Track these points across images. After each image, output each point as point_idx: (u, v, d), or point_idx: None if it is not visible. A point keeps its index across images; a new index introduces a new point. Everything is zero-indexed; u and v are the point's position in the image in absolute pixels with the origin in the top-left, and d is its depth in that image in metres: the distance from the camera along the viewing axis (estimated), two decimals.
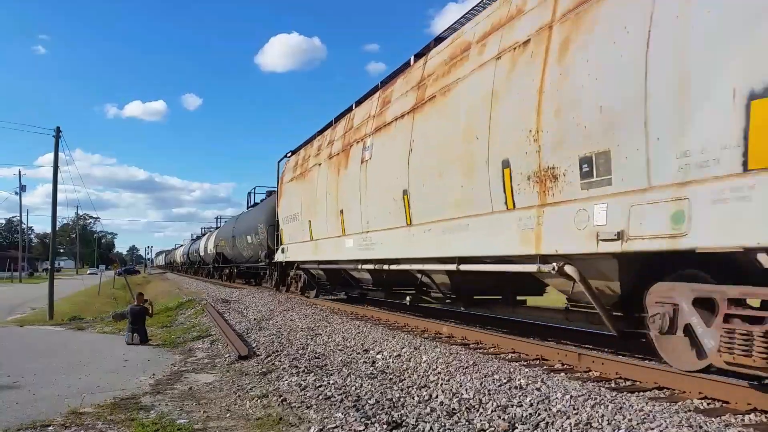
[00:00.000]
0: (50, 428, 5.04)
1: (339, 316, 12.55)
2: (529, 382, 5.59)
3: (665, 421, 4.22)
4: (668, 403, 4.91)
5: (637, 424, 4.24)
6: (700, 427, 4.11)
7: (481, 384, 5.63)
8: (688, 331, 5.20)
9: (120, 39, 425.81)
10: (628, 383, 5.91)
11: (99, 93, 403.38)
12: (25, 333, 13.85)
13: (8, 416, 5.49)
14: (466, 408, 4.96)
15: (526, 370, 6.24)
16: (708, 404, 5.03)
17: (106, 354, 9.81)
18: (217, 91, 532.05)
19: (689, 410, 4.69)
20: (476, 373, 6.09)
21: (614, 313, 6.18)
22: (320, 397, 5.66)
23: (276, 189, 22.44)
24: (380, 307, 14.71)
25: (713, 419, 4.34)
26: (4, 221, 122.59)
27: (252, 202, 31.50)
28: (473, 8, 8.71)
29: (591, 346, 7.70)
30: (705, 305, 5.03)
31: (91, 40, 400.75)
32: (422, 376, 6.28)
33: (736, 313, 4.64)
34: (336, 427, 4.62)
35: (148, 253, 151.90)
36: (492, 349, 8.04)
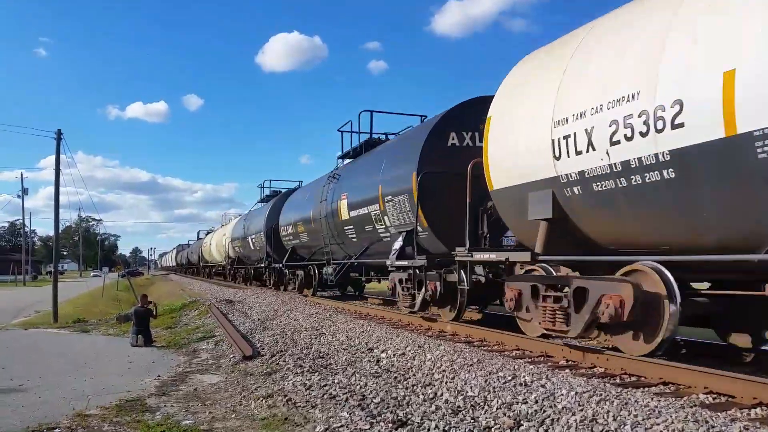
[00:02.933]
0: (56, 431, 5.05)
1: (343, 315, 12.56)
2: (534, 379, 5.58)
3: (671, 416, 4.21)
4: (674, 398, 4.90)
5: (643, 419, 4.24)
6: (706, 421, 4.10)
7: (485, 381, 5.63)
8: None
9: (120, 40, 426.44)
10: (633, 379, 5.91)
11: (100, 94, 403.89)
12: (30, 336, 13.89)
13: (14, 419, 5.50)
14: (471, 406, 4.96)
15: (531, 367, 6.24)
16: (713, 399, 5.03)
17: (110, 356, 9.83)
18: (218, 91, 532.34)
19: (695, 405, 4.69)
20: (481, 370, 6.09)
21: None
22: (325, 396, 5.66)
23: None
24: (383, 306, 14.71)
25: (719, 414, 4.33)
26: (7, 224, 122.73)
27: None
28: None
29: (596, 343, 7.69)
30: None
31: (92, 41, 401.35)
32: (427, 375, 6.28)
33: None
34: (341, 426, 4.62)
35: (151, 255, 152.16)
36: (496, 347, 8.03)
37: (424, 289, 10.16)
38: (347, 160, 16.35)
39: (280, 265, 21.40)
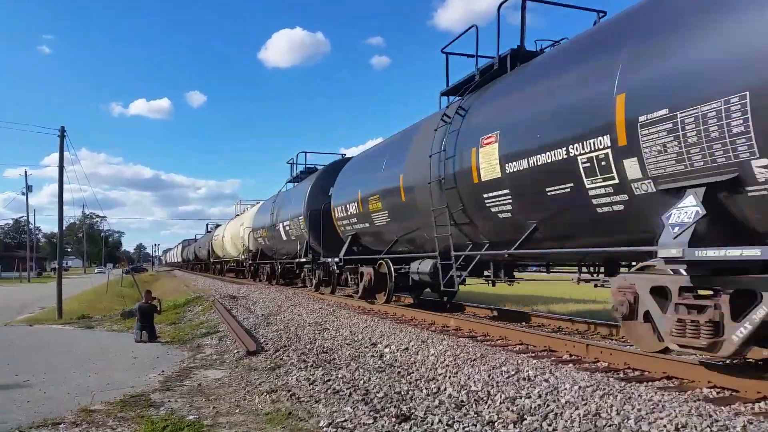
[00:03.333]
0: (61, 426, 5.07)
1: (346, 310, 12.57)
2: (538, 373, 5.58)
3: (675, 411, 4.21)
4: (677, 393, 4.90)
5: (647, 413, 4.23)
6: (710, 415, 4.09)
7: (489, 376, 5.63)
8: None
9: (124, 37, 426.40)
10: (636, 373, 5.91)
11: (104, 92, 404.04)
12: (35, 332, 13.93)
13: (20, 415, 5.53)
14: (475, 400, 4.97)
15: (534, 361, 6.24)
16: (717, 393, 5.03)
17: (115, 352, 9.86)
18: (222, 88, 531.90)
19: (699, 399, 4.68)
20: (484, 365, 6.09)
21: None
22: (329, 391, 5.68)
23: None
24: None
25: (723, 408, 4.33)
26: (11, 222, 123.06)
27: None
28: None
29: (599, 337, 7.69)
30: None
31: (95, 39, 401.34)
32: (430, 369, 6.29)
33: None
34: (345, 420, 4.63)
35: (155, 251, 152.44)
36: (500, 342, 8.04)
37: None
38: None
39: (336, 259, 15.45)
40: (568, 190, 6.68)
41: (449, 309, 13.01)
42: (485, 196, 8.38)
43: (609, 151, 5.96)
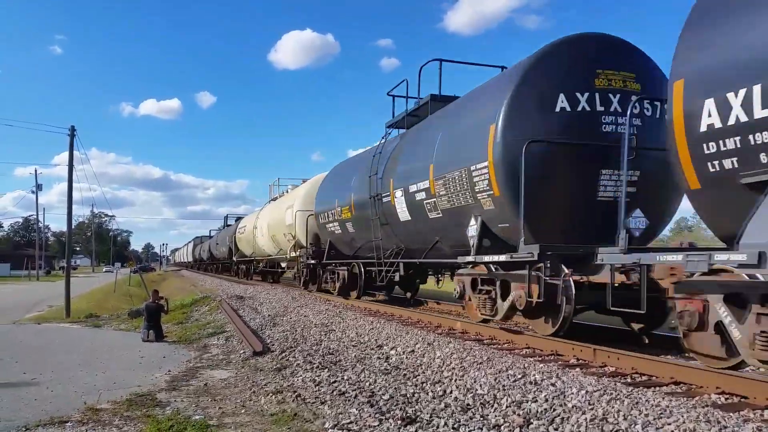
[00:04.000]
0: (68, 424, 5.09)
1: (352, 312, 12.56)
2: (544, 377, 5.56)
3: (682, 416, 4.18)
4: (685, 398, 4.86)
5: (654, 419, 4.21)
6: (718, 422, 4.06)
7: (495, 380, 5.61)
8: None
9: (134, 38, 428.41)
10: (644, 378, 5.87)
11: (114, 92, 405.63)
12: (43, 330, 14.01)
13: (27, 412, 5.56)
14: (481, 404, 4.95)
15: (541, 365, 6.21)
16: (726, 399, 4.98)
17: (122, 351, 9.89)
18: (231, 89, 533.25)
19: (707, 405, 4.65)
20: (490, 368, 6.07)
21: None
22: (334, 392, 5.67)
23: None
24: (393, 303, 14.68)
25: (731, 414, 4.29)
26: (21, 220, 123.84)
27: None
28: None
29: (606, 341, 7.64)
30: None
31: (106, 39, 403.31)
32: (436, 372, 6.27)
33: None
34: (350, 422, 4.63)
35: (163, 251, 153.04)
36: (506, 345, 8.01)
37: None
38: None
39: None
40: None
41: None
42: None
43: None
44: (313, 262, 18.21)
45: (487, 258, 8.33)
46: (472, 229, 8.77)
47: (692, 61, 5.30)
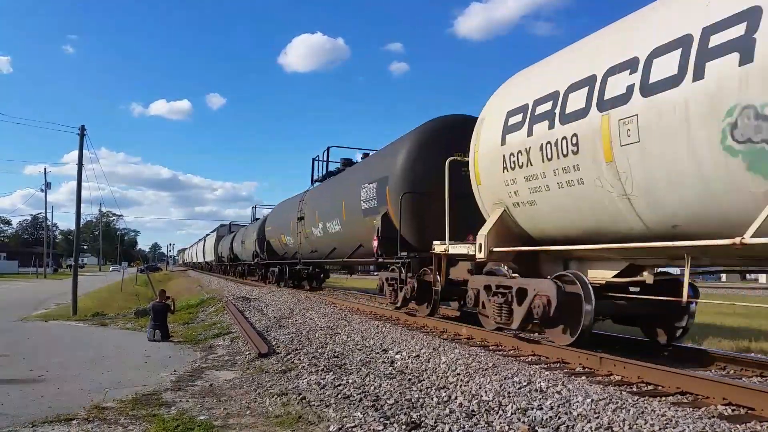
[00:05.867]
0: (74, 422, 5.12)
1: (358, 315, 12.57)
2: (550, 385, 5.54)
3: (688, 427, 4.16)
4: (691, 409, 4.84)
5: (660, 429, 4.19)
6: None
7: (500, 386, 5.60)
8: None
9: (146, 39, 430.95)
10: (650, 387, 5.84)
11: (125, 92, 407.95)
12: (50, 328, 14.09)
13: (33, 410, 5.59)
14: (486, 410, 4.94)
15: (547, 373, 6.19)
16: (732, 410, 4.95)
17: (128, 350, 9.94)
18: (241, 91, 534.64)
19: (713, 416, 4.62)
20: (496, 375, 6.06)
21: None
22: (339, 396, 5.68)
23: None
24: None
25: (738, 426, 4.27)
26: (29, 218, 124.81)
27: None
28: None
29: (612, 350, 7.61)
30: None
31: (118, 40, 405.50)
32: (441, 377, 6.27)
33: None
34: (355, 426, 4.63)
35: (170, 251, 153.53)
36: (512, 352, 7.99)
37: None
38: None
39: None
40: None
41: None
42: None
43: None
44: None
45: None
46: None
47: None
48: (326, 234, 18.03)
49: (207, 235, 62.89)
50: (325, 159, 20.59)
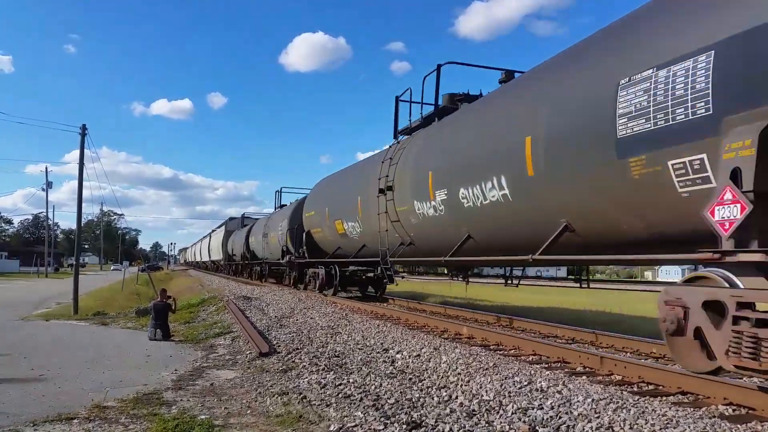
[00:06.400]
0: (75, 421, 5.12)
1: (359, 315, 12.57)
2: (551, 384, 5.54)
3: (689, 427, 4.16)
4: (692, 409, 4.84)
5: (660, 429, 4.19)
6: None
7: (501, 386, 5.60)
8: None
9: (147, 39, 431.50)
10: (651, 387, 5.84)
11: (126, 91, 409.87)
12: (51, 327, 14.09)
13: (34, 409, 5.59)
14: (486, 410, 4.94)
15: (548, 372, 6.19)
16: (733, 410, 4.95)
17: (129, 349, 9.94)
18: (242, 90, 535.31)
19: (714, 416, 4.62)
20: (496, 374, 6.06)
21: None
22: (340, 395, 5.68)
23: None
24: (399, 307, 14.72)
25: (738, 426, 4.27)
26: (31, 217, 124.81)
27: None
28: None
29: (613, 350, 7.62)
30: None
31: (120, 39, 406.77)
32: (442, 377, 6.27)
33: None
34: (355, 425, 4.62)
35: (171, 250, 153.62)
36: (512, 351, 7.99)
37: None
38: None
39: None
40: None
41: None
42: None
43: None
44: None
45: None
46: None
47: None
48: (454, 210, 9.74)
49: (213, 230, 56.67)
50: (435, 82, 12.03)
